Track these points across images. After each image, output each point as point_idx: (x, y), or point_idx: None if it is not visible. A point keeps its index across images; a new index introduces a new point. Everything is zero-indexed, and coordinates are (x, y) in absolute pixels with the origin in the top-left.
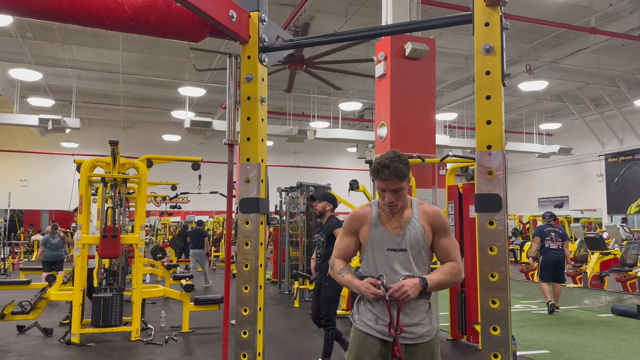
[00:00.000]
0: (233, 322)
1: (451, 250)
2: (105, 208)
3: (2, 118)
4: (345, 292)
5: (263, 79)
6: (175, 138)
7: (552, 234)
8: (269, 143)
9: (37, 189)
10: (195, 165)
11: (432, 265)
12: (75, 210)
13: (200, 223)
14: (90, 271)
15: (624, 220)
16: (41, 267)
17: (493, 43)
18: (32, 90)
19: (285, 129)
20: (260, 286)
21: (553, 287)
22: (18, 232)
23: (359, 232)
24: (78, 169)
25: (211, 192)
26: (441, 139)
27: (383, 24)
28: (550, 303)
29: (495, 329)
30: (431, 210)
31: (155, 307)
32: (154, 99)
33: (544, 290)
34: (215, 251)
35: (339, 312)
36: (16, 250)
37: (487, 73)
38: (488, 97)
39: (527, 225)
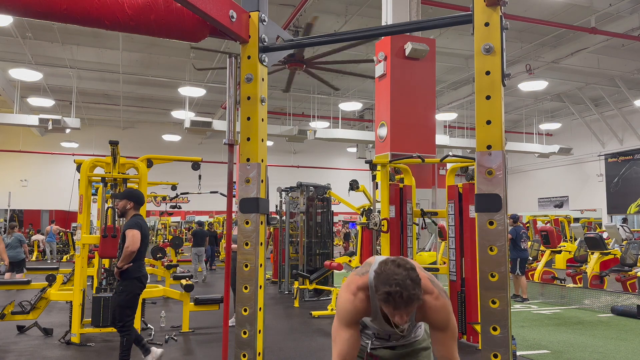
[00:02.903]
0: (232, 319)
1: (452, 350)
2: (105, 208)
3: (2, 118)
4: None
5: (263, 79)
6: (175, 138)
7: (524, 236)
8: (269, 143)
9: (37, 189)
10: (195, 165)
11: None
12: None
13: (200, 224)
14: None
15: (624, 220)
16: (41, 267)
17: (493, 43)
18: (32, 90)
19: (285, 129)
20: (260, 286)
21: (519, 280)
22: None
23: (359, 321)
24: (78, 169)
25: (211, 192)
26: (441, 139)
27: (383, 24)
28: (515, 294)
29: (495, 329)
30: (432, 307)
31: (155, 307)
32: (154, 99)
33: (524, 285)
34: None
35: None
36: None
37: (487, 73)
38: (488, 97)
39: (527, 225)
